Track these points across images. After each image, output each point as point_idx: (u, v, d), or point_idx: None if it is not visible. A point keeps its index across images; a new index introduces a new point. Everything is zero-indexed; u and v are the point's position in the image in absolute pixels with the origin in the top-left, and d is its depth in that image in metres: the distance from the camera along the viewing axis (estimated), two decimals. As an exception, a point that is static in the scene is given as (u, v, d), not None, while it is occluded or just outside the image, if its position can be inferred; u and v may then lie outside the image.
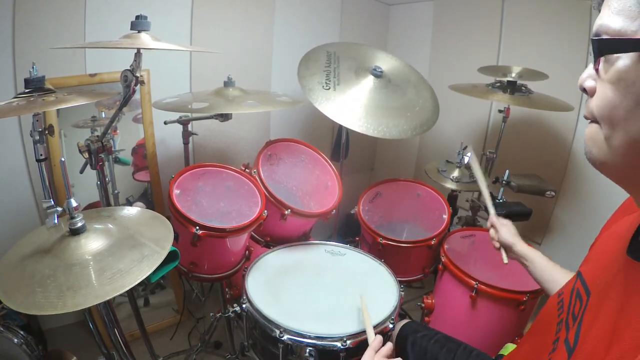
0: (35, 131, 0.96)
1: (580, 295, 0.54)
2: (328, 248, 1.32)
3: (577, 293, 0.56)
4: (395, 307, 1.03)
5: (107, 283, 0.67)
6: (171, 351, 1.56)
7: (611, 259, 0.51)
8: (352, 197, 1.57)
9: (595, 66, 0.42)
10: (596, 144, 0.44)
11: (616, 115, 0.40)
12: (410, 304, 1.84)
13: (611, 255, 0.52)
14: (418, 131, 1.42)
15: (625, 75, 0.38)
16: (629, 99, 0.38)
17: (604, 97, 0.41)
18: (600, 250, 0.60)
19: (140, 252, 0.75)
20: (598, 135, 0.43)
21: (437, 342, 0.98)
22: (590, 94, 0.44)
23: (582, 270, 0.59)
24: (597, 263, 0.56)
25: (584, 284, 0.55)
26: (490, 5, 1.86)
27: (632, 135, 0.39)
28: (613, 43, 0.39)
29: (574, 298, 0.56)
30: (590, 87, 0.44)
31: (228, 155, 1.90)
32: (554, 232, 1.79)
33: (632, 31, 0.37)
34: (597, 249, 0.61)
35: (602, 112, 0.42)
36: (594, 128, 0.44)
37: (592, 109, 0.43)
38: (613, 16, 0.39)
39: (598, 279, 0.53)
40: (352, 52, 1.61)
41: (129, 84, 0.90)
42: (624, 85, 0.38)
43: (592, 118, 0.44)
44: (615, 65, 0.39)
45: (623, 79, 0.38)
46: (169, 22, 1.56)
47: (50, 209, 0.77)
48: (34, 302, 0.63)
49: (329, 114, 1.31)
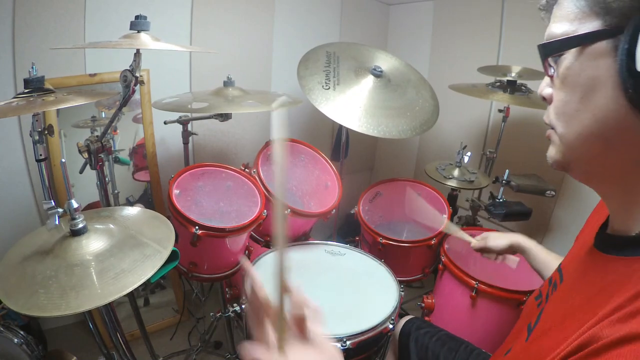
0: (35, 131, 0.97)
1: (555, 284, 0.58)
2: (328, 248, 1.32)
3: (554, 282, 0.59)
4: (395, 307, 1.03)
5: (110, 283, 0.67)
6: (171, 351, 1.56)
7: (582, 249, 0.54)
8: (352, 197, 1.57)
9: (550, 74, 0.46)
10: (554, 146, 0.48)
11: (569, 110, 0.44)
12: (410, 303, 1.84)
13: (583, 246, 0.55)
14: (418, 131, 1.42)
15: (571, 71, 0.42)
16: (577, 92, 0.42)
17: (558, 99, 0.45)
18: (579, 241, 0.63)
19: (142, 252, 0.75)
20: (554, 138, 0.47)
21: (439, 340, 0.98)
22: (549, 101, 0.47)
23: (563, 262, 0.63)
24: (573, 255, 0.60)
25: (560, 272, 0.59)
26: (490, 5, 1.86)
27: (585, 126, 0.42)
28: (554, 44, 0.44)
29: (550, 287, 0.59)
30: (548, 95, 0.47)
31: (228, 155, 1.90)
32: (554, 232, 1.79)
33: (572, 31, 0.41)
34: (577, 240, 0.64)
35: (558, 112, 0.45)
36: (550, 133, 0.48)
37: (550, 113, 0.47)
38: (556, 24, 0.44)
39: (569, 268, 0.57)
40: (352, 52, 1.61)
41: (128, 84, 0.90)
42: (571, 81, 0.43)
43: (549, 123, 0.48)
44: (562, 66, 0.43)
45: (569, 75, 0.42)
46: (168, 22, 1.56)
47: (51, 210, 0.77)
48: (36, 303, 0.63)
49: (328, 114, 1.31)
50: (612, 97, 0.39)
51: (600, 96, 0.40)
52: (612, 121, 0.40)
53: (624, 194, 0.45)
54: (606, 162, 0.43)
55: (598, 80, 0.40)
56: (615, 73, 0.38)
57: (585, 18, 0.40)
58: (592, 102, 0.41)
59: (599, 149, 0.42)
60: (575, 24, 0.41)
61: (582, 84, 0.41)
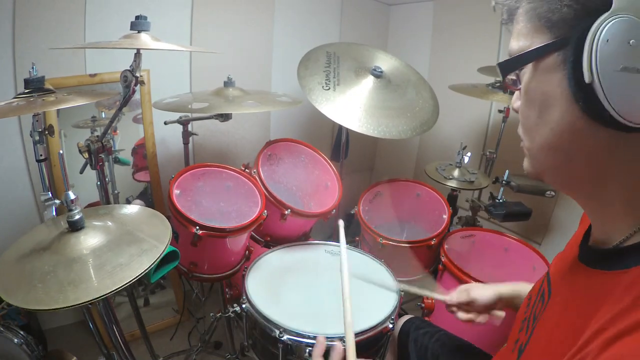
0: (35, 131, 0.97)
1: (544, 297, 0.56)
2: (328, 248, 1.32)
3: (542, 293, 0.58)
4: (395, 307, 1.03)
5: (107, 277, 0.68)
6: (171, 351, 1.56)
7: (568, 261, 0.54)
8: (352, 197, 1.57)
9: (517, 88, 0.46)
10: (525, 157, 0.49)
11: (530, 124, 0.45)
12: (410, 304, 1.84)
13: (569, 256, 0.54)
14: (418, 131, 1.42)
15: (529, 86, 0.43)
16: (535, 107, 0.43)
17: (521, 113, 0.46)
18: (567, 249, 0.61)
19: (139, 247, 0.75)
20: (524, 150, 0.48)
21: (439, 340, 0.98)
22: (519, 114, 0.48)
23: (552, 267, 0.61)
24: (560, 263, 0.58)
25: (549, 284, 0.57)
26: (490, 5, 1.86)
27: (545, 138, 0.43)
28: (511, 61, 0.44)
29: (539, 298, 0.58)
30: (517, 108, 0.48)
31: (228, 155, 1.90)
32: (554, 232, 1.79)
33: (526, 46, 0.42)
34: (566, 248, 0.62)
35: (523, 126, 0.46)
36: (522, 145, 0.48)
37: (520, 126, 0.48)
38: (514, 41, 0.44)
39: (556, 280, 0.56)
40: (352, 52, 1.61)
41: (128, 84, 0.90)
42: (530, 96, 0.43)
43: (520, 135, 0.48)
44: (523, 80, 0.43)
45: (528, 90, 0.43)
46: (169, 22, 1.56)
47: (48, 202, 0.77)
48: (34, 297, 0.63)
49: (329, 115, 1.31)
50: (566, 110, 0.39)
51: (555, 110, 0.40)
52: (568, 133, 0.40)
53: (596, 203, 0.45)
54: (571, 173, 0.44)
55: (552, 94, 0.40)
56: (567, 86, 0.38)
57: (537, 32, 0.40)
58: (548, 116, 0.41)
59: (561, 160, 0.43)
60: (529, 39, 0.41)
61: (539, 99, 0.42)
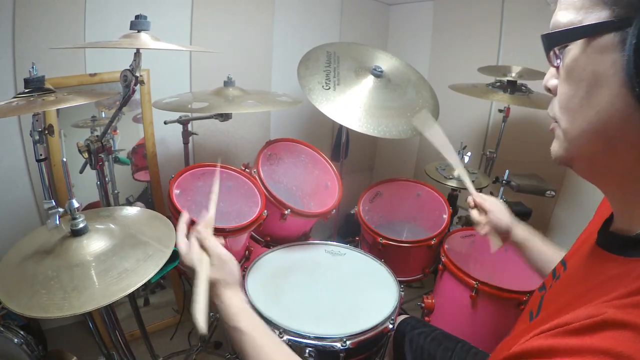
0: (35, 131, 0.96)
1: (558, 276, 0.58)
2: (328, 248, 1.32)
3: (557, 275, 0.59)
4: (395, 307, 1.03)
5: (113, 283, 0.67)
6: (171, 351, 1.56)
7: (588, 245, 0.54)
8: (352, 197, 1.57)
9: (555, 65, 0.44)
10: (557, 140, 0.46)
11: (573, 105, 0.41)
12: (410, 304, 1.84)
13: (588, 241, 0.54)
14: (418, 131, 1.42)
15: (576, 64, 0.40)
16: (582, 87, 0.40)
17: (562, 92, 0.43)
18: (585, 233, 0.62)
19: (144, 252, 0.75)
20: (558, 132, 0.45)
21: (435, 340, 0.97)
22: (554, 93, 0.45)
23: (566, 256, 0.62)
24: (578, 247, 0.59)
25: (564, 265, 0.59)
26: (490, 5, 1.86)
27: (589, 122, 0.40)
28: (559, 35, 0.41)
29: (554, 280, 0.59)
30: (553, 86, 0.45)
31: (228, 155, 1.90)
32: (554, 231, 1.79)
33: (578, 21, 0.39)
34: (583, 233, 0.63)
35: (562, 106, 0.43)
36: (554, 126, 0.46)
37: (554, 106, 0.45)
38: (562, 12, 0.41)
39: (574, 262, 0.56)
40: (352, 52, 1.61)
41: (128, 83, 0.90)
42: (576, 75, 0.40)
43: (553, 116, 0.46)
44: (568, 57, 0.41)
45: (574, 68, 0.40)
46: (169, 22, 1.56)
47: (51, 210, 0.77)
48: (38, 304, 0.62)
49: (329, 114, 1.31)
50: (617, 94, 0.36)
51: (605, 93, 0.37)
52: (616, 120, 0.37)
53: (625, 194, 0.44)
54: (608, 161, 0.42)
55: (604, 76, 0.37)
56: (622, 69, 0.35)
57: (593, 7, 0.37)
58: (596, 98, 0.38)
59: (601, 147, 0.41)
60: (582, 14, 0.38)
61: (587, 79, 0.39)
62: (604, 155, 0.41)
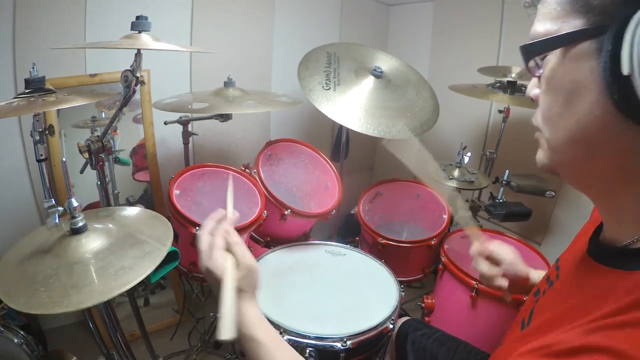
0: (36, 131, 0.96)
1: (551, 282, 0.57)
2: (328, 248, 1.32)
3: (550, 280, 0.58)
4: (396, 307, 1.03)
5: (111, 280, 0.68)
6: (171, 351, 1.56)
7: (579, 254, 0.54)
8: (352, 197, 1.57)
9: (536, 75, 0.44)
10: (542, 149, 0.46)
11: (553, 115, 0.42)
12: (410, 304, 1.84)
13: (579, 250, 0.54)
14: (418, 131, 1.42)
15: (555, 73, 0.40)
16: (561, 95, 0.40)
17: (543, 102, 0.44)
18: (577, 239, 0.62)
19: (142, 249, 0.75)
20: (542, 142, 0.46)
21: (437, 341, 0.97)
22: (537, 103, 0.46)
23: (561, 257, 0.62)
24: (570, 252, 0.59)
25: (557, 270, 0.58)
26: (490, 6, 1.86)
27: (569, 130, 0.40)
28: (537, 45, 0.41)
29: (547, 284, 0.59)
30: (535, 95, 0.46)
31: (228, 155, 1.90)
32: (554, 232, 1.79)
33: (554, 30, 0.39)
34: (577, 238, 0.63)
35: (544, 116, 0.44)
36: (538, 136, 0.47)
37: (537, 116, 0.46)
38: (539, 22, 0.41)
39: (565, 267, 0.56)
40: (352, 52, 1.61)
41: (129, 84, 0.90)
42: (555, 84, 0.41)
43: (537, 125, 0.46)
44: (547, 67, 0.41)
45: (553, 77, 0.41)
46: (169, 22, 1.56)
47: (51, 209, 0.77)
48: (37, 301, 0.63)
49: (329, 114, 1.31)
50: (596, 102, 0.36)
51: (584, 101, 0.38)
52: (596, 127, 0.38)
53: (611, 200, 0.44)
54: (591, 169, 0.42)
55: (582, 84, 0.37)
56: (600, 77, 0.35)
57: (568, 16, 0.38)
58: (575, 106, 0.39)
59: (583, 154, 0.41)
60: (559, 23, 0.39)
61: (566, 88, 0.39)
62: (586, 163, 0.41)
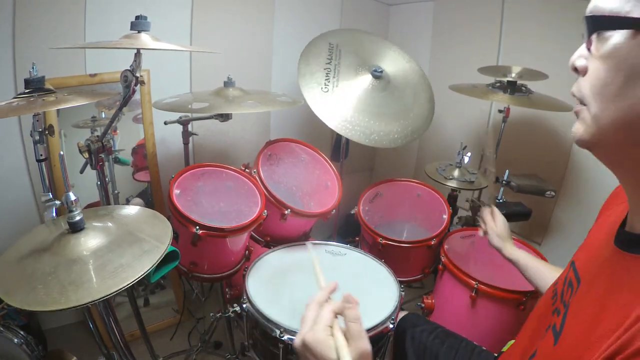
0: (36, 131, 0.97)
1: (572, 284, 0.55)
2: (328, 248, 1.32)
3: (569, 282, 0.57)
4: (396, 307, 1.03)
5: (109, 277, 0.67)
6: (171, 351, 1.56)
7: (601, 248, 0.52)
8: (352, 197, 1.57)
9: (588, 45, 0.43)
10: (583, 124, 0.44)
11: (608, 92, 0.40)
12: (410, 304, 1.84)
13: (601, 244, 0.53)
14: (409, 139, 1.43)
15: (618, 52, 0.39)
16: (621, 75, 0.39)
17: (596, 75, 0.42)
18: (592, 238, 0.61)
19: (140, 248, 0.75)
20: (585, 115, 0.44)
21: (437, 338, 0.97)
22: (582, 73, 0.44)
23: (575, 258, 0.61)
24: (588, 252, 0.58)
25: (575, 272, 0.57)
26: (491, 6, 1.86)
27: (623, 112, 0.39)
28: (607, 20, 0.40)
29: (566, 287, 0.57)
30: (582, 66, 0.44)
31: (228, 155, 1.90)
32: (554, 232, 1.79)
33: (625, 11, 0.38)
34: (590, 237, 0.62)
35: (595, 91, 0.42)
36: (580, 109, 0.45)
37: (582, 88, 0.44)
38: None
39: (588, 268, 0.54)
40: (355, 44, 1.59)
41: (129, 84, 0.90)
42: (616, 62, 0.39)
43: (580, 97, 0.44)
44: (608, 42, 0.40)
45: (615, 55, 0.39)
46: (169, 22, 1.56)
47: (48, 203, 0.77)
48: (35, 299, 0.63)
49: (326, 121, 1.34)
50: None
51: None
52: None
53: None
54: (631, 155, 0.41)
55: None
56: None
57: None
58: (633, 91, 0.38)
59: (627, 140, 0.40)
60: (630, 4, 0.37)
61: (627, 70, 0.38)
62: (628, 149, 0.41)
